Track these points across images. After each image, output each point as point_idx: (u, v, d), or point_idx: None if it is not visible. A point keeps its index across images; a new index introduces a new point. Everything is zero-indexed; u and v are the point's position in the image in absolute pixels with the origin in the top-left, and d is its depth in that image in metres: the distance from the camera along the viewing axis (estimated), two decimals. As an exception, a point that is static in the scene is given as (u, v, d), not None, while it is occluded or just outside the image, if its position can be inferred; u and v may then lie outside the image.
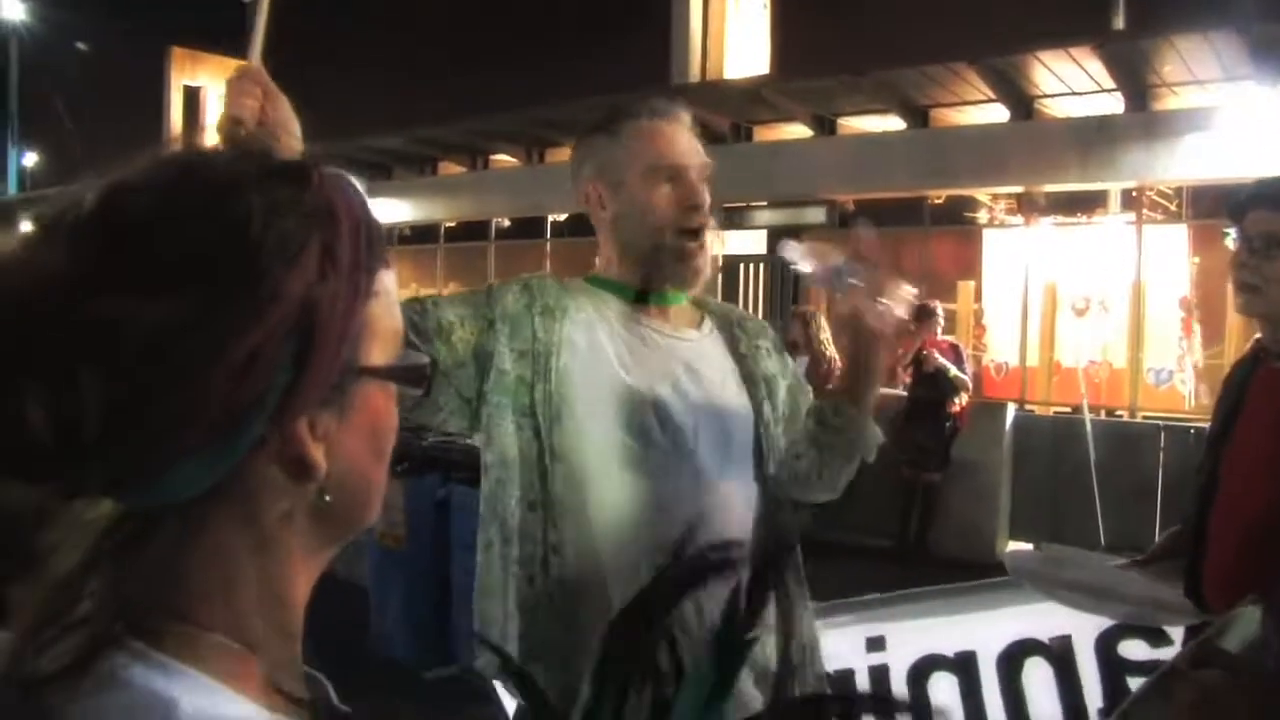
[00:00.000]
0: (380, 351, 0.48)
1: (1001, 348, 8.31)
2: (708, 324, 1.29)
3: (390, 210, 11.99)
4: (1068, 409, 6.70)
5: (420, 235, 12.48)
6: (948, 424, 5.11)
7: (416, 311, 1.15)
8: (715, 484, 1.17)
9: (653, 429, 1.16)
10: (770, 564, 0.59)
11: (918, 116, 8.10)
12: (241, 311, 0.42)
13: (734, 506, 1.18)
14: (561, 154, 10.65)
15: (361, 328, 0.46)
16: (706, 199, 1.21)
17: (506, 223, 11.45)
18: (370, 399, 0.48)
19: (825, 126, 8.60)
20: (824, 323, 5.54)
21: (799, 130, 8.91)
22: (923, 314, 5.05)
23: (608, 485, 1.14)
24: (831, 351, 5.52)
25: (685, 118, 1.25)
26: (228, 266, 0.42)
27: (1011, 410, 5.78)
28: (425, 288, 13.11)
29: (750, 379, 1.27)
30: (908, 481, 5.27)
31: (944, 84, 7.70)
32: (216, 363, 0.41)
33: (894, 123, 8.30)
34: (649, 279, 1.22)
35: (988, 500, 5.49)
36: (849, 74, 7.71)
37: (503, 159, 11.31)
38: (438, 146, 11.25)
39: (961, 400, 5.11)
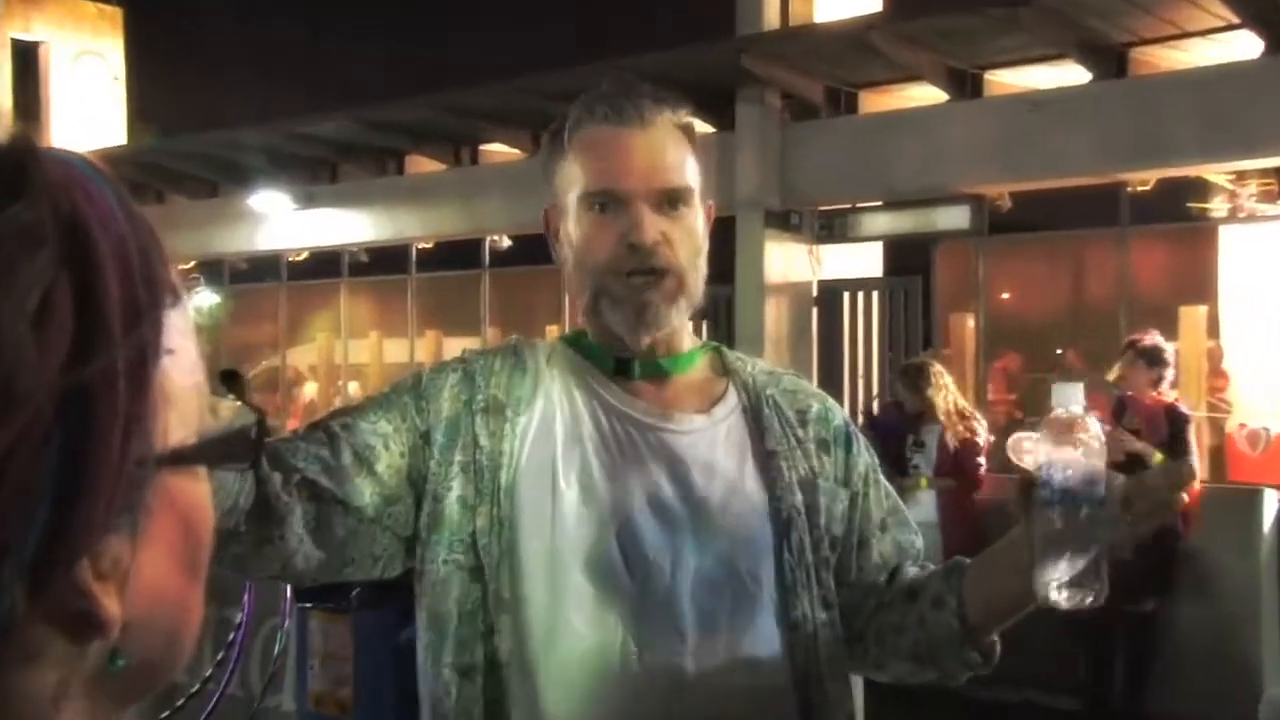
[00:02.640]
0: (181, 422, 0.47)
1: (1254, 405, 8.09)
2: (731, 400, 1.32)
3: (336, 227, 12.36)
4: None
5: (383, 262, 12.80)
6: (1164, 528, 4.95)
7: (321, 443, 1.19)
8: (706, 640, 1.19)
9: (614, 567, 1.19)
10: None
11: (1110, 62, 8.06)
12: None
13: (735, 671, 1.19)
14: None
15: (154, 404, 0.45)
16: (651, 235, 1.24)
17: (506, 242, 11.68)
18: (176, 495, 0.47)
19: (967, 85, 8.63)
20: (945, 378, 5.48)
21: (927, 93, 8.95)
22: (1146, 357, 4.88)
23: (564, 646, 1.17)
24: (958, 413, 5.45)
25: (661, 119, 1.29)
26: None
27: (1274, 500, 5.59)
28: (391, 336, 13.41)
29: (777, 485, 1.27)
30: (1105, 614, 5.10)
31: (1153, 9, 7.49)
32: None
33: (1072, 73, 8.28)
34: (611, 341, 1.28)
35: (1238, 636, 5.28)
36: (1001, 3, 7.66)
37: (499, 150, 11.59)
38: (404, 134, 11.61)
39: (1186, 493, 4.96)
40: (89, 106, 16.83)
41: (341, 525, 1.19)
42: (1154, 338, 5.06)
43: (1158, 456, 4.81)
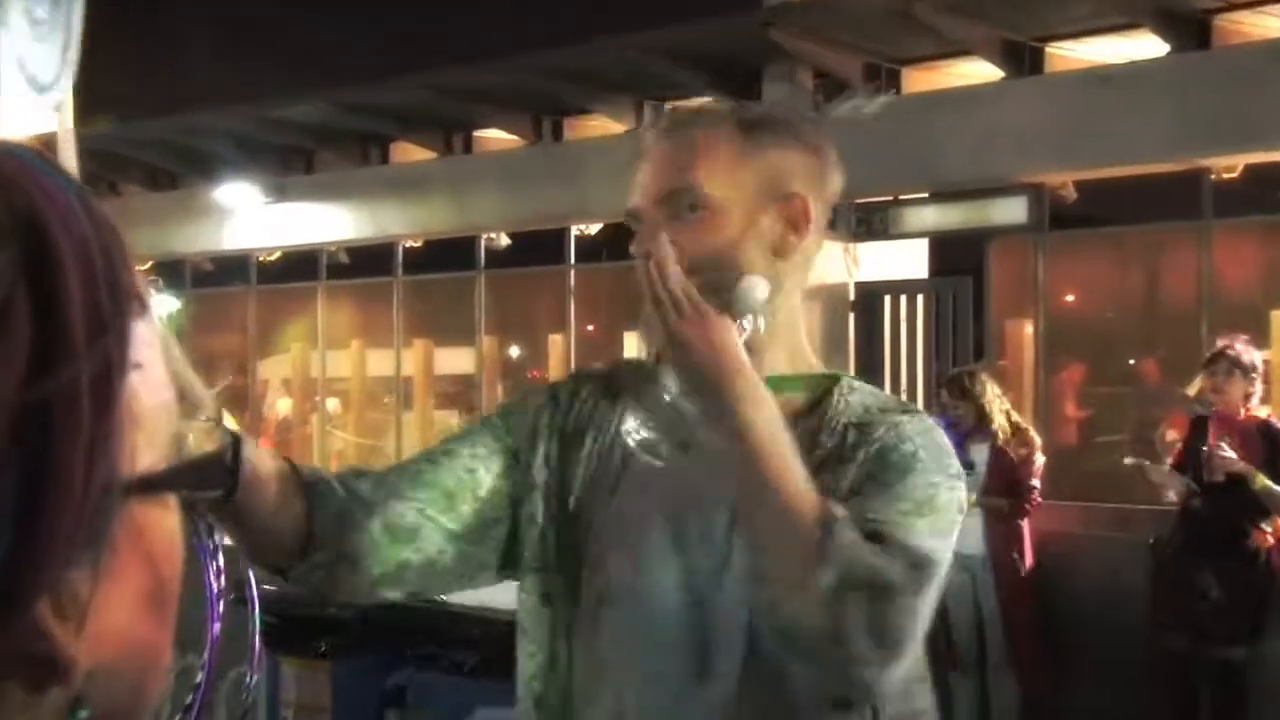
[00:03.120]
0: (148, 445, 0.48)
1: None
2: (828, 439, 1.40)
3: (312, 224, 12.43)
4: None
5: (365, 262, 12.87)
6: (1258, 564, 4.93)
7: (427, 464, 1.44)
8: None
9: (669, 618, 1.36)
10: None
11: (1191, 31, 8.04)
12: None
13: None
14: (589, 127, 10.91)
15: (120, 424, 0.45)
16: (653, 249, 1.36)
17: (504, 240, 11.72)
18: (143, 526, 0.48)
19: (1025, 60, 8.63)
20: (993, 387, 5.47)
21: (979, 69, 8.96)
22: (1242, 368, 4.87)
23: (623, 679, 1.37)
24: (1013, 427, 5.44)
25: (692, 133, 1.44)
26: None
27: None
28: (375, 346, 13.47)
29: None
30: (1187, 662, 5.08)
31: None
32: None
33: (1147, 45, 8.27)
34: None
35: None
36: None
37: (496, 136, 11.64)
38: (389, 118, 11.67)
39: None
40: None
41: (448, 547, 1.40)
42: (1246, 345, 5.04)
43: (1262, 479, 4.77)
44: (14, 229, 0.43)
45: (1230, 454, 4.78)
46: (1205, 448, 4.83)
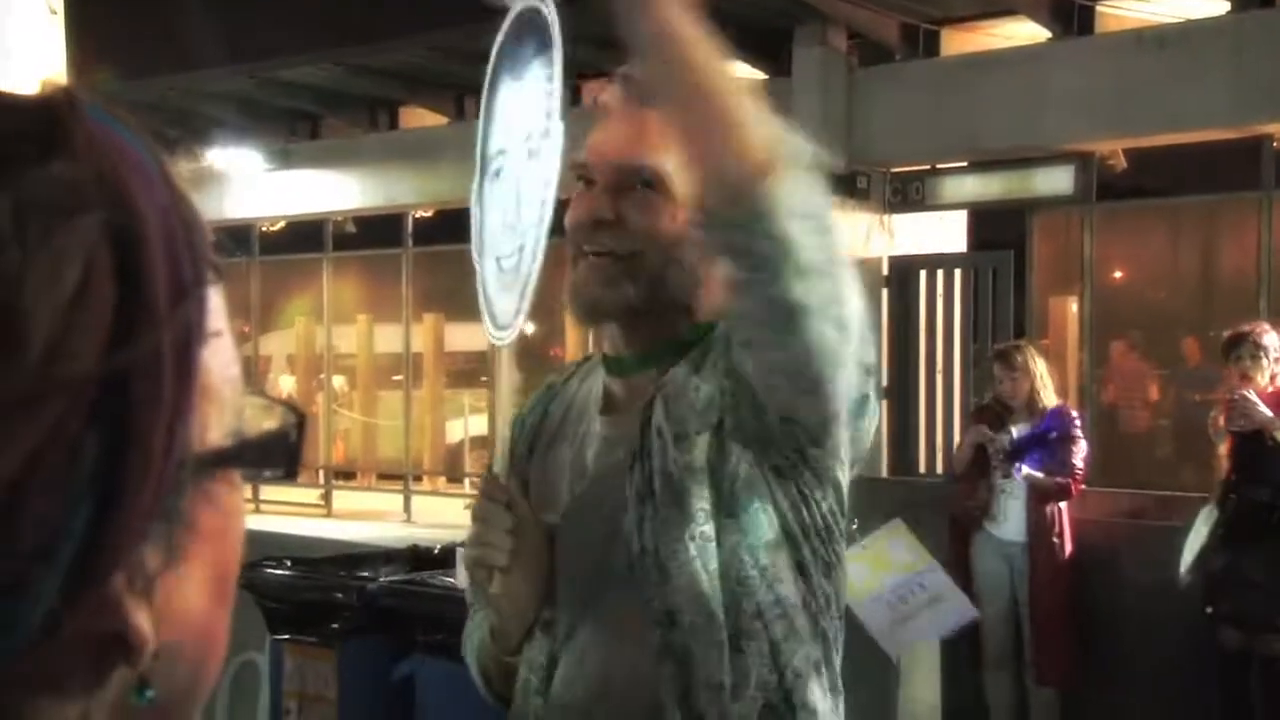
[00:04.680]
0: (219, 421, 0.49)
1: None
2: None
3: (318, 192, 12.46)
4: None
5: (374, 231, 12.90)
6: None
7: None
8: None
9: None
10: None
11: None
12: None
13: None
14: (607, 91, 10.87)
15: (198, 395, 0.47)
16: (595, 213, 1.46)
17: (518, 208, 11.70)
18: (213, 504, 0.49)
19: (1074, 19, 8.57)
20: (1043, 362, 5.47)
21: (1024, 30, 8.90)
22: (1250, 350, 4.92)
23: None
24: (1051, 401, 5.45)
25: (621, 93, 1.54)
26: None
27: None
28: (383, 321, 13.51)
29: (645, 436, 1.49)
30: (1232, 651, 5.08)
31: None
32: None
33: (1202, 3, 8.21)
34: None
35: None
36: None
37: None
38: (399, 81, 11.69)
39: None
40: (20, 45, 17.04)
41: None
42: (1262, 327, 5.11)
43: None
44: (99, 194, 0.44)
45: (1254, 398, 4.80)
46: (1238, 398, 4.85)
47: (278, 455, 0.51)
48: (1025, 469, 5.33)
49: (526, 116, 1.49)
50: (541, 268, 1.45)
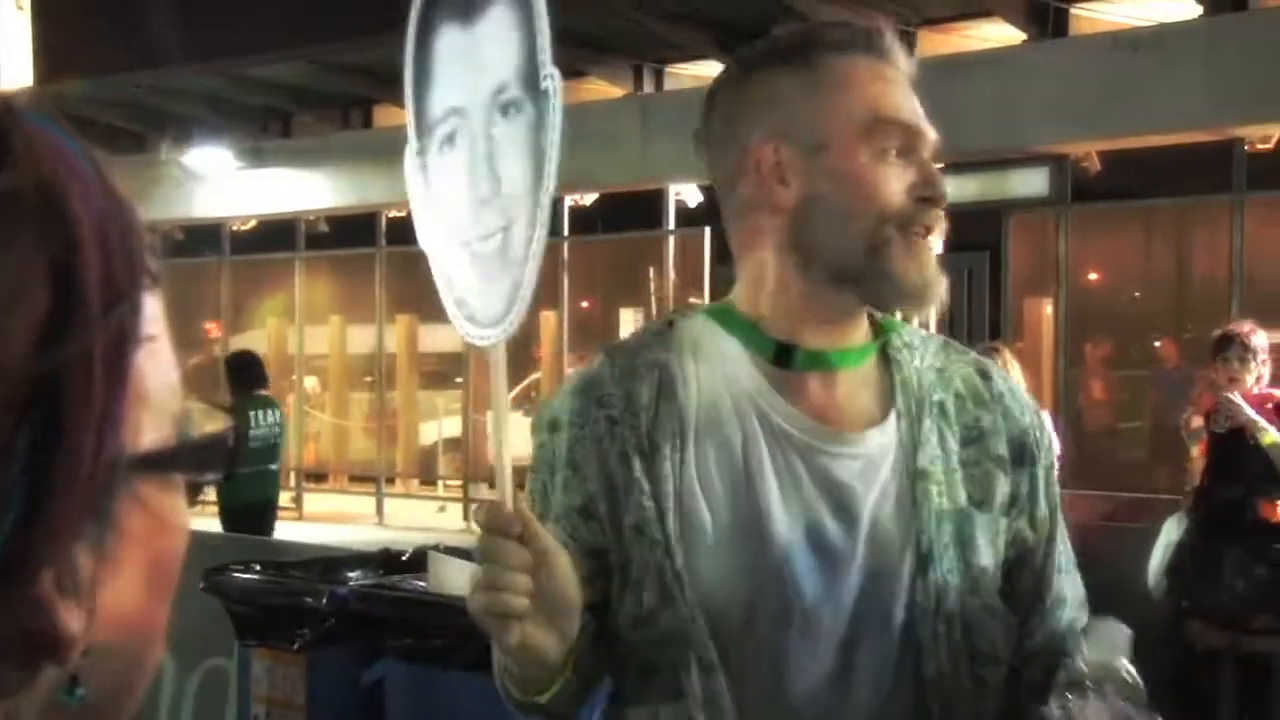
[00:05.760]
0: (154, 424, 0.50)
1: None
2: (900, 404, 1.36)
3: (289, 191, 12.40)
4: None
5: (346, 231, 12.86)
6: (1279, 544, 4.96)
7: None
8: (839, 697, 1.30)
9: (771, 617, 1.30)
10: None
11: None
12: None
13: None
14: (585, 90, 10.88)
15: (130, 398, 0.48)
16: (942, 186, 1.37)
17: (492, 208, 11.68)
18: (145, 506, 0.50)
19: (1049, 21, 8.61)
20: (1014, 365, 5.51)
21: (1000, 31, 8.94)
22: (1239, 351, 4.96)
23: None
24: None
25: (906, 65, 1.40)
26: None
27: None
28: (356, 323, 13.47)
29: (922, 511, 1.32)
30: (1208, 652, 5.11)
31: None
32: None
33: (1179, 6, 8.26)
34: (828, 310, 1.35)
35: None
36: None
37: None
38: (372, 79, 11.66)
39: None
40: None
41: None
42: (1252, 328, 5.13)
43: (1271, 435, 4.83)
44: (35, 198, 0.46)
45: (1241, 401, 4.84)
46: (1224, 394, 4.89)
47: (214, 459, 0.53)
48: None
49: (491, 67, 1.22)
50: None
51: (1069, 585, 1.43)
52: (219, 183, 12.66)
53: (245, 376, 7.29)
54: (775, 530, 1.29)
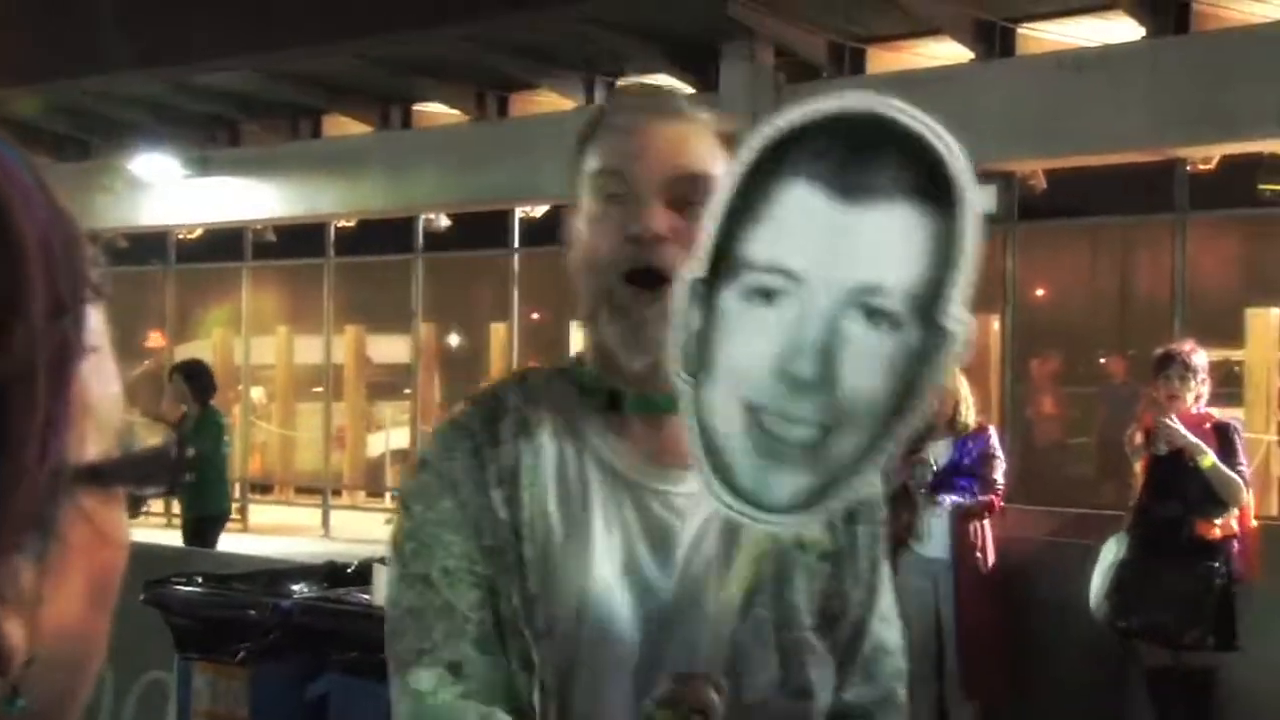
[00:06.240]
0: (98, 435, 0.50)
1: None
2: None
3: (236, 200, 12.31)
4: None
5: (294, 242, 12.77)
6: (1211, 562, 5.03)
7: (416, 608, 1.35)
8: None
9: (578, 650, 1.34)
10: None
11: (1168, 14, 8.17)
12: None
13: None
14: (536, 102, 10.89)
15: (73, 409, 0.48)
16: (661, 225, 1.29)
17: (444, 221, 11.68)
18: (87, 518, 0.50)
19: (996, 41, 8.73)
20: (962, 382, 5.59)
21: (949, 50, 9.05)
22: (1194, 370, 5.03)
23: None
24: (977, 426, 5.57)
25: (698, 117, 1.39)
26: None
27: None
28: (303, 333, 13.37)
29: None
30: (1154, 670, 5.18)
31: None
32: None
33: (1123, 28, 8.39)
34: (609, 363, 1.36)
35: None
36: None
37: (435, 110, 11.59)
38: (321, 88, 11.60)
39: (1233, 520, 5.04)
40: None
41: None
42: (1192, 347, 5.23)
43: (1210, 458, 4.91)
44: None
45: (1179, 426, 4.92)
46: (1161, 419, 4.97)
47: (157, 471, 0.53)
48: (949, 499, 5.44)
49: (866, 261, 1.12)
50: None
51: (892, 635, 1.47)
52: (165, 191, 12.53)
53: (200, 385, 7.27)
54: (597, 566, 1.34)
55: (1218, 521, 5.00)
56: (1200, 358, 5.14)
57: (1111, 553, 5.14)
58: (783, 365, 1.12)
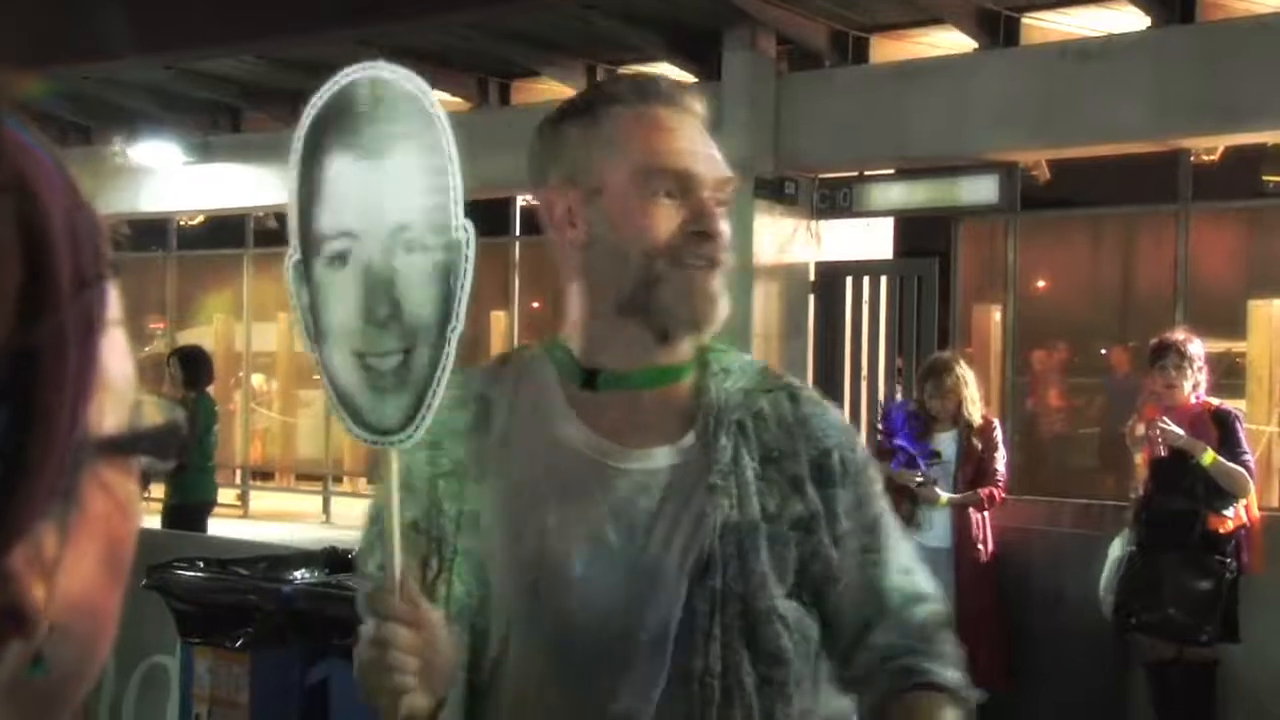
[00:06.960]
0: (113, 410, 0.51)
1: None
2: (701, 427, 1.49)
3: (238, 186, 12.29)
4: None
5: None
6: (1222, 557, 5.03)
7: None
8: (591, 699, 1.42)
9: (540, 623, 1.43)
10: None
11: (1173, 4, 8.13)
12: None
13: None
14: (537, 90, 10.87)
15: (97, 382, 0.49)
16: (725, 229, 1.46)
17: (444, 207, 11.62)
18: (105, 488, 0.51)
19: (1000, 30, 8.71)
20: (970, 376, 5.59)
21: (952, 39, 9.02)
22: (1190, 359, 5.01)
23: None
24: (984, 420, 5.58)
25: (697, 108, 1.52)
26: None
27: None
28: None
29: (701, 527, 1.43)
30: (1156, 663, 5.18)
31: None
32: None
33: (1127, 18, 8.37)
34: (624, 338, 1.48)
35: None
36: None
37: (438, 98, 11.51)
38: (325, 74, 11.46)
39: (1242, 510, 5.03)
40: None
41: None
42: (1187, 335, 5.20)
43: (1211, 454, 4.89)
44: (13, 190, 0.48)
45: (1174, 428, 4.90)
46: (1155, 423, 4.95)
47: (169, 447, 0.54)
48: (945, 495, 5.46)
49: (393, 205, 1.30)
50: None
51: (919, 582, 1.53)
52: (166, 177, 12.52)
53: (196, 371, 7.27)
54: (552, 544, 1.43)
55: (1228, 514, 4.98)
56: (1196, 346, 5.12)
57: (1118, 549, 5.13)
58: (365, 312, 1.29)
